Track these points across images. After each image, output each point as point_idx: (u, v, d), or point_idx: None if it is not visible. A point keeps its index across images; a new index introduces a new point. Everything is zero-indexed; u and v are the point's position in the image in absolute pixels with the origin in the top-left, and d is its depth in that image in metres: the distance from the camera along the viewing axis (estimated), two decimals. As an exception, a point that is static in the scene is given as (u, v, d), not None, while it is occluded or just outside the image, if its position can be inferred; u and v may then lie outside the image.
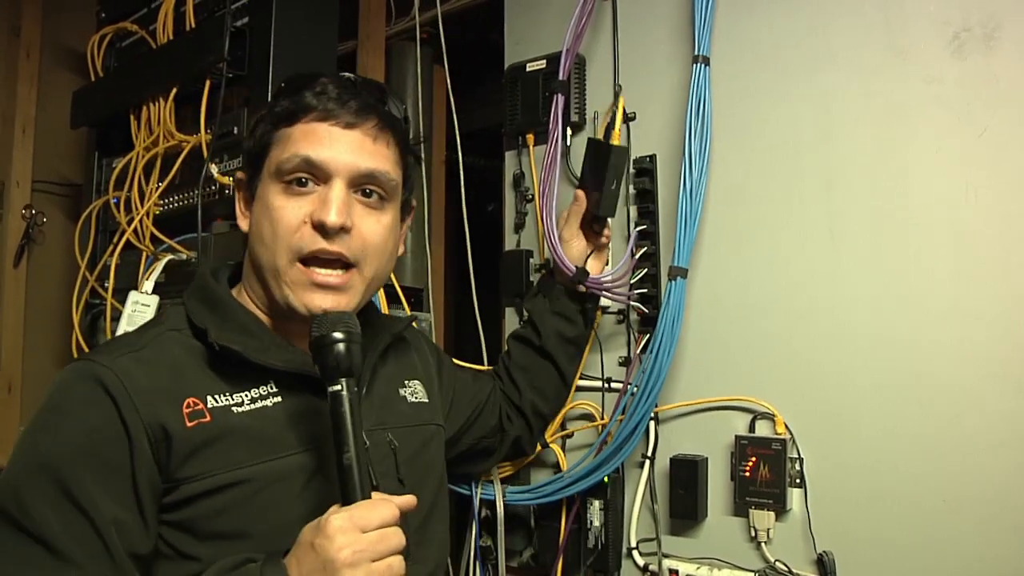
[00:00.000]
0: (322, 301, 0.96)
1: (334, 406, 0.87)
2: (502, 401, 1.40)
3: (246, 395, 0.94)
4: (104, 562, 0.83)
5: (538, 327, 1.41)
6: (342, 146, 0.97)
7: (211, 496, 0.88)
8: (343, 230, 0.96)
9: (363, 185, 0.99)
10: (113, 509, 0.85)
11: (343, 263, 0.98)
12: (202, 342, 0.95)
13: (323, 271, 0.97)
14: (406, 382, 1.17)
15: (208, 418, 0.90)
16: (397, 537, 0.84)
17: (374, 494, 0.87)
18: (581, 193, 1.42)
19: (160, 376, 0.90)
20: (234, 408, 0.92)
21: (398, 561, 0.83)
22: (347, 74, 1.04)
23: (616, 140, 1.46)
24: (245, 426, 0.92)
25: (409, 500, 0.90)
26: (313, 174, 0.96)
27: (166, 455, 0.87)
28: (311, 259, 0.96)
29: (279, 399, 0.96)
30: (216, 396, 0.92)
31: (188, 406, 0.89)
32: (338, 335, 0.89)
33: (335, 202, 0.95)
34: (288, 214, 0.96)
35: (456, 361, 1.43)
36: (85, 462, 0.85)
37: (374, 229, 1.00)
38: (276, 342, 0.99)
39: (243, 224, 1.04)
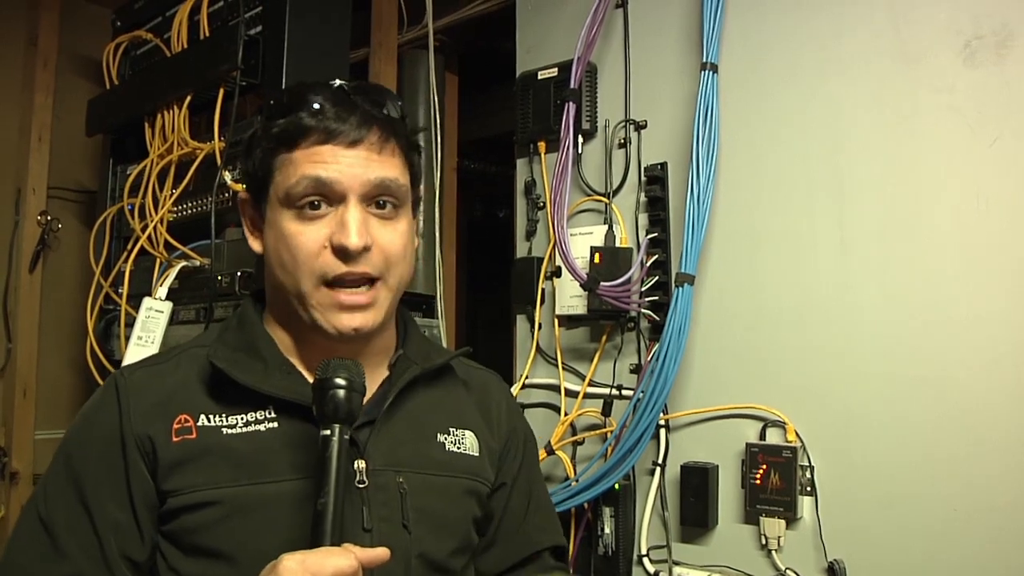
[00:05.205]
0: (351, 321, 0.95)
1: (322, 451, 0.86)
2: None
3: (241, 418, 0.94)
4: (97, 561, 0.88)
5: None
6: (349, 164, 0.94)
7: (192, 512, 0.90)
8: (365, 249, 0.94)
9: (376, 198, 0.97)
10: (114, 511, 0.90)
11: (368, 279, 0.96)
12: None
13: (349, 292, 0.95)
14: (451, 429, 1.05)
15: (194, 435, 0.92)
16: None
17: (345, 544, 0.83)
18: None
19: (163, 391, 0.95)
20: (224, 429, 0.93)
21: None
22: (338, 82, 1.00)
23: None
24: (231, 448, 0.92)
25: (377, 553, 0.82)
26: (325, 195, 0.94)
27: (153, 467, 0.91)
28: (336, 281, 0.95)
29: (275, 425, 0.94)
30: (209, 416, 0.93)
31: (179, 422, 0.92)
32: (340, 381, 0.87)
33: (353, 224, 0.93)
34: (306, 239, 0.94)
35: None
36: (96, 464, 0.92)
37: (393, 239, 0.98)
38: (282, 366, 0.97)
39: (255, 245, 1.04)
